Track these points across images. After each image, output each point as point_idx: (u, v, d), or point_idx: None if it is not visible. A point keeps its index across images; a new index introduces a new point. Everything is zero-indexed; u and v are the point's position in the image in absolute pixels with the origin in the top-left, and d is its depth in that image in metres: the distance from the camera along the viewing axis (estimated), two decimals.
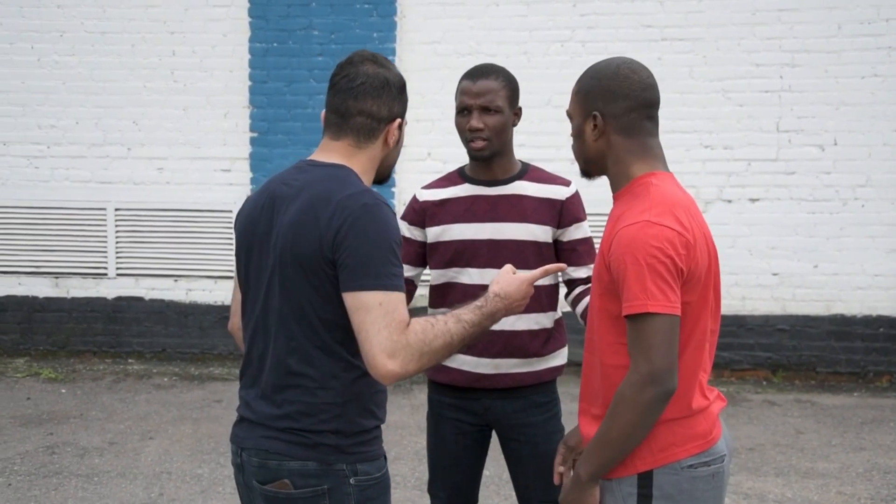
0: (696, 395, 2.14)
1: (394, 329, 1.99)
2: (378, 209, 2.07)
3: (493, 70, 2.95)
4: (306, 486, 2.10)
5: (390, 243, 2.06)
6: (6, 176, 7.66)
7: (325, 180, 2.13)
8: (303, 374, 2.11)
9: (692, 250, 2.07)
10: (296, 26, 7.27)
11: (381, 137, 2.22)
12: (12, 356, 7.69)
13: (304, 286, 2.09)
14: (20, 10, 7.56)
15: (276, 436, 2.12)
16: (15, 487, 4.83)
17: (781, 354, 7.15)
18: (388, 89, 2.21)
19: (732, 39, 7.06)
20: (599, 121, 2.18)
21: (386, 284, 2.02)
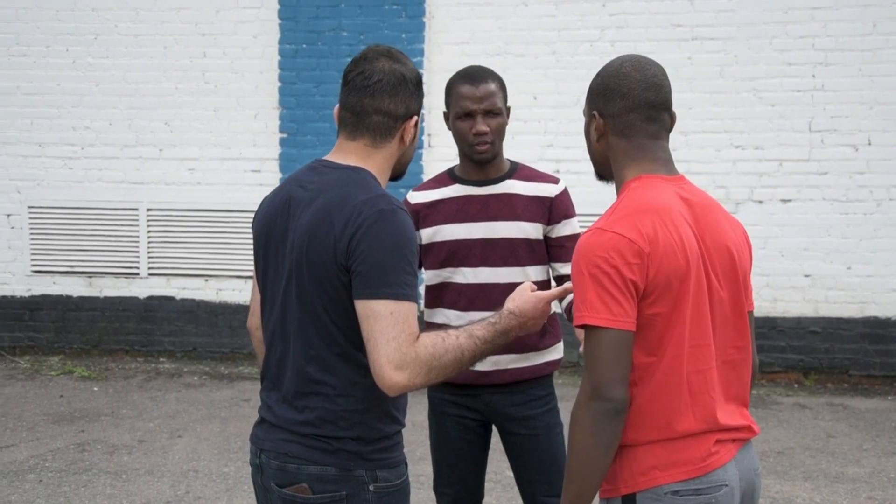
0: (685, 417, 1.99)
1: (403, 341, 1.96)
2: (394, 215, 2.02)
3: (488, 73, 2.99)
4: (324, 492, 2.08)
5: (405, 251, 2.02)
6: (41, 177, 7.78)
7: (342, 184, 2.08)
8: (323, 382, 2.09)
9: (648, 259, 1.93)
10: (325, 27, 7.31)
11: (397, 136, 2.17)
12: (47, 354, 7.81)
13: (320, 293, 2.06)
14: (56, 13, 7.68)
15: (298, 440, 2.10)
16: (46, 484, 4.90)
17: (814, 357, 7.06)
18: (405, 86, 2.15)
19: (764, 38, 6.98)
20: (599, 121, 2.10)
21: (398, 294, 1.98)
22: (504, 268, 2.96)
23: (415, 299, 2.02)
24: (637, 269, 1.92)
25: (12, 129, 7.77)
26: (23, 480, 4.94)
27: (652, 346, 1.97)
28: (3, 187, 7.82)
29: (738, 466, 2.06)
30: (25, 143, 7.77)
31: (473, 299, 2.96)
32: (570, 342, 7.10)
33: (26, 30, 7.70)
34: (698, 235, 2.03)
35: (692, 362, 2.00)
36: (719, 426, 2.03)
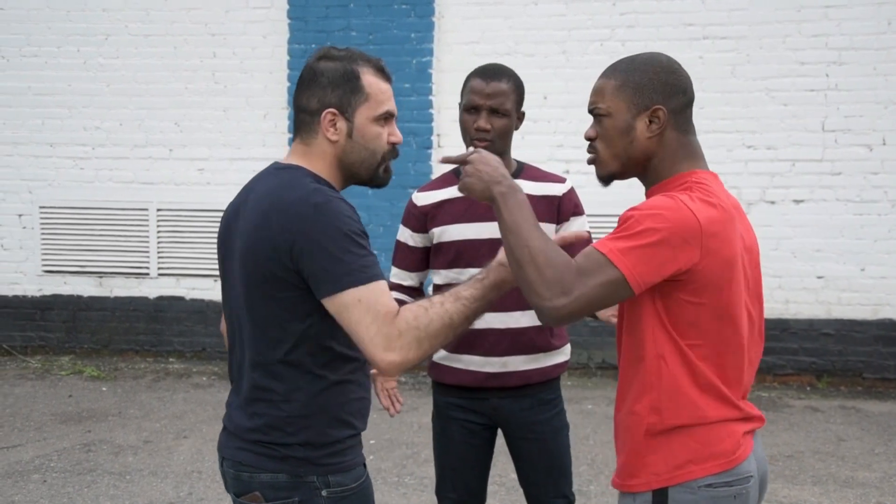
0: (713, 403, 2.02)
1: (382, 322, 1.93)
2: (329, 205, 1.99)
3: (505, 72, 2.93)
4: (277, 499, 2.06)
5: (349, 236, 1.98)
6: (53, 177, 7.80)
7: (279, 186, 2.06)
8: (268, 388, 2.07)
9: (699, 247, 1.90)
10: (334, 27, 7.29)
11: (319, 131, 2.12)
12: (58, 354, 7.84)
13: (265, 299, 2.04)
14: (67, 14, 7.70)
15: (249, 447, 2.09)
16: (49, 484, 4.90)
17: (826, 359, 6.97)
18: (316, 80, 2.12)
19: (777, 37, 6.91)
20: (663, 116, 2.03)
21: (360, 279, 1.95)
22: None
23: (379, 276, 1.99)
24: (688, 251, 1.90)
25: (24, 130, 7.80)
26: (27, 481, 4.95)
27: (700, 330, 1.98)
28: (14, 187, 7.85)
29: (756, 456, 2.10)
30: (37, 143, 7.80)
31: None
32: (580, 343, 7.06)
33: (37, 30, 7.73)
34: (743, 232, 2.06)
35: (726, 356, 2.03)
36: (746, 415, 2.07)
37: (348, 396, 2.13)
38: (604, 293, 1.89)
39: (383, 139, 2.16)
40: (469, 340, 2.92)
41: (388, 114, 2.17)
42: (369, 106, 2.13)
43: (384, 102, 2.15)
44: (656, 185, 2.09)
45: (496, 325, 2.91)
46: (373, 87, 2.13)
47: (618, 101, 2.05)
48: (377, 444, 5.54)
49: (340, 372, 2.11)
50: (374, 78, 2.15)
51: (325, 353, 2.08)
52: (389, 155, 2.20)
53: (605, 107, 2.07)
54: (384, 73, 2.18)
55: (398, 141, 2.20)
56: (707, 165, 2.12)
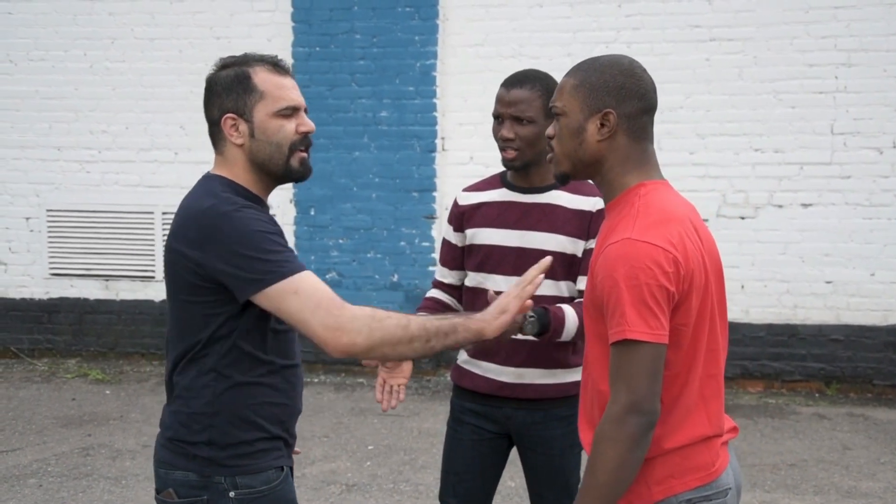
0: (701, 423, 2.00)
1: (328, 305, 1.97)
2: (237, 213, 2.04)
3: (530, 78, 2.85)
4: (188, 497, 2.12)
5: (264, 235, 2.02)
6: (60, 180, 7.83)
7: (194, 198, 2.12)
8: (181, 386, 2.14)
9: (682, 269, 1.90)
10: (338, 30, 7.26)
11: (225, 138, 2.16)
12: (65, 357, 7.86)
13: (182, 303, 2.11)
14: (74, 18, 7.72)
15: (165, 444, 2.17)
16: (45, 489, 4.90)
17: (836, 366, 6.87)
18: (212, 89, 2.18)
19: (784, 39, 6.82)
20: (613, 119, 1.99)
21: (288, 271, 1.99)
22: None
23: (304, 268, 2.03)
24: (673, 279, 1.89)
25: (31, 133, 7.83)
26: (23, 485, 4.95)
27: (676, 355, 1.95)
28: (22, 191, 7.88)
29: (731, 467, 2.08)
30: (44, 146, 7.82)
31: None
32: None
33: (45, 34, 7.75)
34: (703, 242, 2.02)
35: (706, 367, 1.99)
36: (722, 429, 2.05)
37: (258, 399, 2.15)
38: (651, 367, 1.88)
39: (288, 131, 2.16)
40: (487, 348, 2.89)
41: (290, 108, 2.16)
42: (266, 103, 2.14)
43: (282, 97, 2.16)
44: (610, 201, 2.07)
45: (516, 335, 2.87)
46: (266, 83, 2.15)
47: (572, 101, 2.03)
48: (375, 450, 5.50)
49: (249, 374, 2.13)
50: (269, 74, 2.16)
51: (233, 352, 2.11)
52: (299, 144, 2.18)
53: (561, 105, 2.06)
54: (280, 68, 2.20)
55: (309, 129, 2.19)
56: (661, 174, 2.07)
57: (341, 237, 7.34)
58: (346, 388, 6.95)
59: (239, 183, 2.16)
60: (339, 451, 5.51)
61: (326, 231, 7.35)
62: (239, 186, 2.15)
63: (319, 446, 5.57)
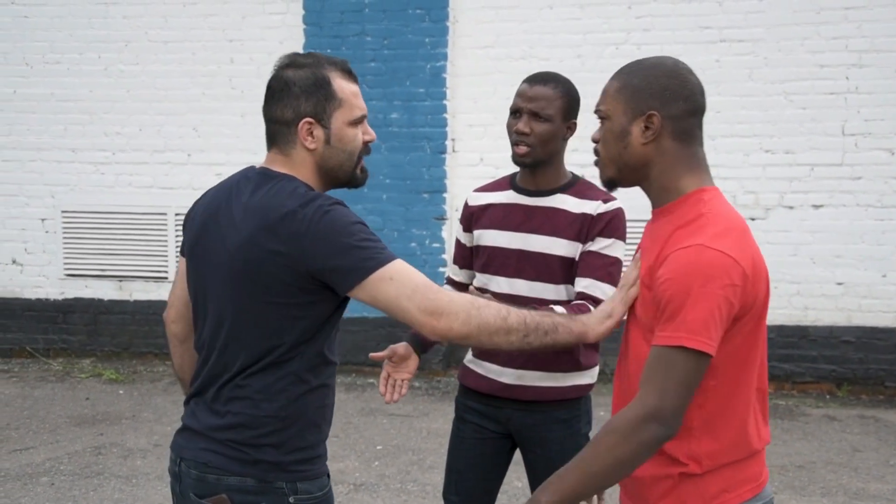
0: (753, 437, 1.97)
1: (425, 289, 1.97)
2: (334, 209, 2.02)
3: (554, 79, 2.87)
4: (244, 503, 2.07)
5: (359, 226, 2.02)
6: (74, 182, 7.91)
7: (277, 195, 2.05)
8: (249, 387, 2.08)
9: (748, 281, 1.86)
10: (349, 32, 7.31)
11: (297, 142, 2.12)
12: (79, 357, 7.94)
13: (267, 305, 2.04)
14: (88, 21, 7.80)
15: (217, 449, 2.09)
16: (57, 487, 4.96)
17: (847, 367, 6.85)
18: (288, 90, 2.11)
19: (795, 40, 6.80)
20: (657, 121, 1.94)
21: (382, 260, 1.99)
22: (538, 282, 2.85)
23: (397, 256, 2.02)
24: (739, 293, 1.84)
25: (47, 135, 7.91)
26: (35, 483, 5.01)
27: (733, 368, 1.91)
28: (37, 192, 7.96)
29: None
30: (59, 148, 7.90)
31: None
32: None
33: (60, 38, 7.83)
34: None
35: (759, 381, 1.98)
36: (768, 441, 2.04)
37: (323, 402, 2.16)
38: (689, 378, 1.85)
39: (359, 140, 2.17)
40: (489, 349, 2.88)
41: (363, 117, 2.17)
42: (344, 111, 2.13)
43: (357, 106, 2.16)
44: (661, 207, 2.01)
45: None
46: (345, 91, 2.13)
47: (616, 104, 1.99)
48: (384, 450, 5.53)
49: (322, 376, 2.14)
50: (344, 81, 2.15)
51: (316, 357, 2.10)
52: (364, 153, 2.20)
53: (605, 109, 2.02)
54: (352, 75, 2.18)
55: (372, 139, 2.20)
56: (712, 180, 2.02)
57: None
58: (356, 389, 6.98)
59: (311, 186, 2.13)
60: (348, 450, 5.55)
61: None
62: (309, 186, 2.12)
63: (328, 446, 5.59)
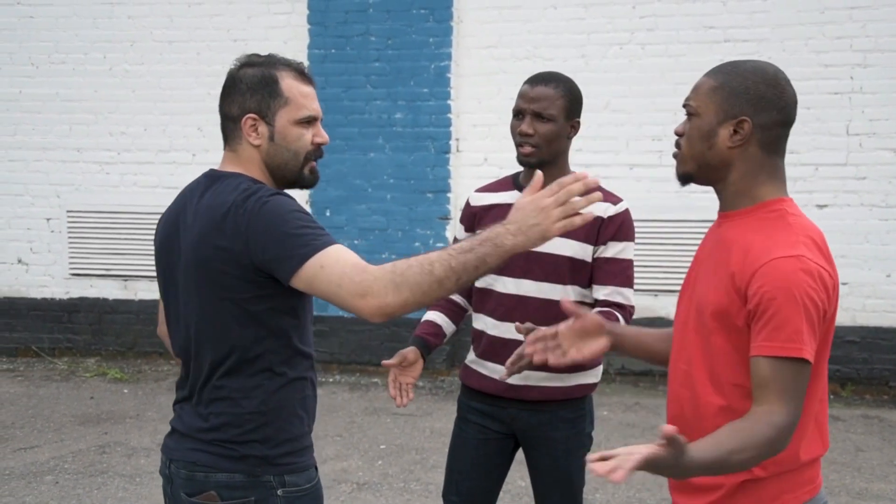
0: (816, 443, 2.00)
1: (351, 272, 1.93)
2: (272, 199, 2.04)
3: (555, 78, 2.88)
4: (233, 498, 2.10)
5: (294, 217, 2.02)
6: (79, 181, 7.93)
7: (222, 192, 2.10)
8: (227, 387, 2.11)
9: (831, 294, 1.91)
10: (353, 32, 7.32)
11: (242, 137, 2.16)
12: (84, 356, 7.96)
13: (224, 302, 2.07)
14: (94, 21, 7.82)
15: (204, 448, 2.12)
16: (61, 486, 4.98)
17: (851, 367, 6.84)
18: (236, 86, 2.16)
19: (800, 39, 6.80)
20: (747, 128, 1.94)
21: (314, 248, 1.97)
22: (546, 283, 2.86)
23: (333, 241, 2.00)
24: (828, 302, 1.89)
25: (52, 135, 7.94)
26: (40, 482, 5.03)
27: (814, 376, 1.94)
28: (43, 192, 7.99)
29: None
30: (64, 148, 7.93)
31: (511, 310, 2.88)
32: None
33: (65, 38, 7.86)
34: None
35: (821, 391, 2.00)
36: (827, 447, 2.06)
37: (303, 393, 2.19)
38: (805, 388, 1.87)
39: (306, 140, 2.18)
40: (494, 349, 2.92)
41: (311, 118, 2.18)
42: (289, 110, 2.15)
43: (305, 106, 2.17)
44: (732, 211, 2.01)
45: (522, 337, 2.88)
46: (292, 90, 2.15)
47: (708, 103, 1.99)
48: (387, 449, 5.54)
49: (298, 369, 2.16)
50: (295, 82, 2.16)
51: (287, 350, 2.12)
52: (313, 155, 2.21)
53: (695, 105, 2.02)
54: (305, 76, 2.19)
55: (324, 141, 2.22)
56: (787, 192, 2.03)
57: (356, 238, 7.39)
58: (360, 388, 7.00)
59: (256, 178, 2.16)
60: (352, 450, 5.56)
61: (341, 232, 7.40)
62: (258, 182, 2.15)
63: (332, 445, 5.62)
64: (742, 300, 1.90)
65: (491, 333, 2.94)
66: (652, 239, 6.98)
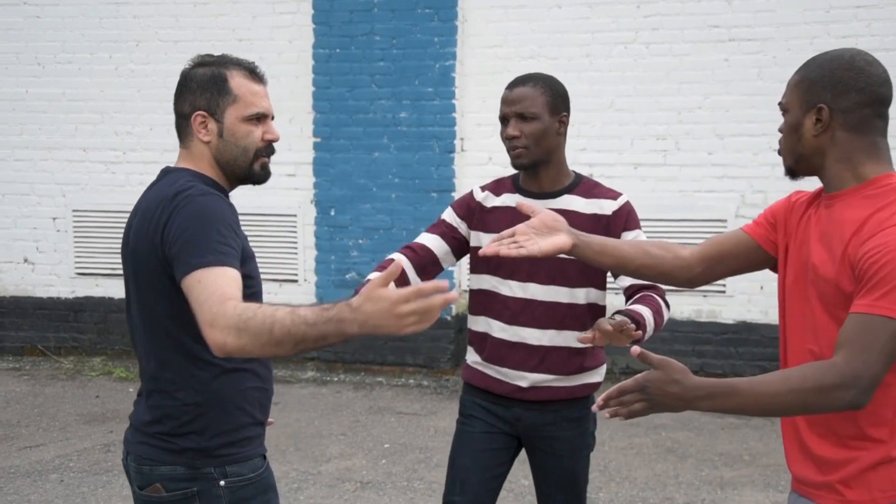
0: None
1: (214, 301, 1.94)
2: (202, 197, 2.09)
3: (532, 77, 2.87)
4: (176, 490, 2.15)
5: (214, 224, 2.05)
6: (85, 181, 7.96)
7: (163, 187, 2.18)
8: (162, 378, 2.17)
9: None
10: (358, 32, 7.33)
11: (193, 134, 2.23)
12: (90, 355, 7.98)
13: (153, 293, 2.14)
14: (100, 21, 7.85)
15: (149, 441, 2.18)
16: (66, 484, 5.00)
17: None
18: (187, 84, 2.24)
19: (805, 39, 6.78)
20: (825, 114, 2.01)
21: (207, 262, 2.00)
22: (552, 286, 2.85)
23: (229, 264, 2.01)
24: None
25: (58, 135, 7.97)
26: (45, 480, 5.05)
27: None
28: (49, 191, 8.02)
29: None
30: (70, 147, 7.96)
31: (518, 314, 2.88)
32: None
33: (72, 38, 7.89)
34: None
35: None
36: None
37: (244, 385, 2.21)
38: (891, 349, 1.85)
39: (255, 137, 2.24)
40: (500, 353, 2.90)
41: (260, 115, 2.24)
42: (238, 107, 2.22)
43: (254, 104, 2.23)
44: (836, 192, 2.04)
45: (529, 340, 2.88)
46: (241, 88, 2.22)
47: (793, 97, 2.08)
48: (391, 448, 5.55)
49: (235, 361, 2.18)
50: (244, 80, 2.23)
51: None
52: (264, 151, 2.27)
53: (785, 102, 2.11)
54: (256, 75, 2.26)
55: (274, 138, 2.27)
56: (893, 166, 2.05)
57: (361, 237, 7.41)
58: (364, 387, 7.00)
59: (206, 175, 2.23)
60: (356, 448, 5.57)
61: (346, 231, 7.41)
62: (206, 177, 2.22)
63: (336, 444, 5.63)
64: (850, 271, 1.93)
65: (497, 336, 2.92)
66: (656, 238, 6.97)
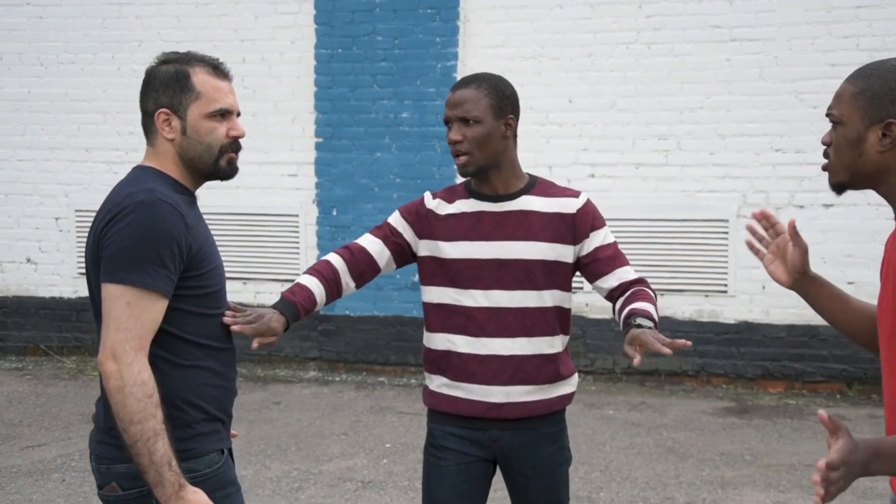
0: None
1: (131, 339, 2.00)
2: (152, 206, 2.07)
3: (477, 79, 2.71)
4: (132, 488, 2.13)
5: (156, 241, 2.05)
6: (88, 181, 7.98)
7: (123, 185, 2.18)
8: None
9: None
10: (360, 32, 7.34)
11: (157, 131, 2.23)
12: (92, 355, 7.99)
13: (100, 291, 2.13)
14: (102, 21, 7.87)
15: (105, 439, 2.18)
16: (68, 483, 5.02)
17: (858, 367, 6.83)
18: (151, 82, 2.24)
19: (806, 39, 6.79)
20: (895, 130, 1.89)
21: (137, 280, 2.03)
22: (519, 291, 2.70)
23: (159, 290, 2.05)
24: None
25: (61, 135, 7.99)
26: (47, 479, 5.07)
27: None
28: (51, 191, 8.04)
29: None
30: (73, 148, 7.98)
31: (485, 325, 2.70)
32: (605, 347, 7.01)
33: (74, 38, 7.91)
34: None
35: None
36: None
37: (198, 381, 2.20)
38: None
39: (219, 133, 2.23)
40: (469, 369, 2.72)
41: (223, 111, 2.23)
42: (200, 103, 2.21)
43: (217, 100, 2.23)
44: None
45: (500, 351, 2.71)
46: (204, 85, 2.22)
47: (852, 110, 1.95)
48: (392, 448, 5.56)
49: (187, 358, 2.18)
50: (208, 76, 2.23)
51: (166, 337, 2.13)
52: (229, 147, 2.26)
53: (838, 114, 1.98)
54: (220, 71, 2.26)
55: (239, 134, 2.26)
56: None
57: None
58: (366, 387, 7.02)
59: (169, 174, 2.22)
60: (357, 448, 5.58)
61: (348, 231, 7.42)
62: (168, 177, 2.21)
63: (337, 444, 5.64)
64: None
65: (463, 352, 2.73)
66: (657, 238, 6.99)
